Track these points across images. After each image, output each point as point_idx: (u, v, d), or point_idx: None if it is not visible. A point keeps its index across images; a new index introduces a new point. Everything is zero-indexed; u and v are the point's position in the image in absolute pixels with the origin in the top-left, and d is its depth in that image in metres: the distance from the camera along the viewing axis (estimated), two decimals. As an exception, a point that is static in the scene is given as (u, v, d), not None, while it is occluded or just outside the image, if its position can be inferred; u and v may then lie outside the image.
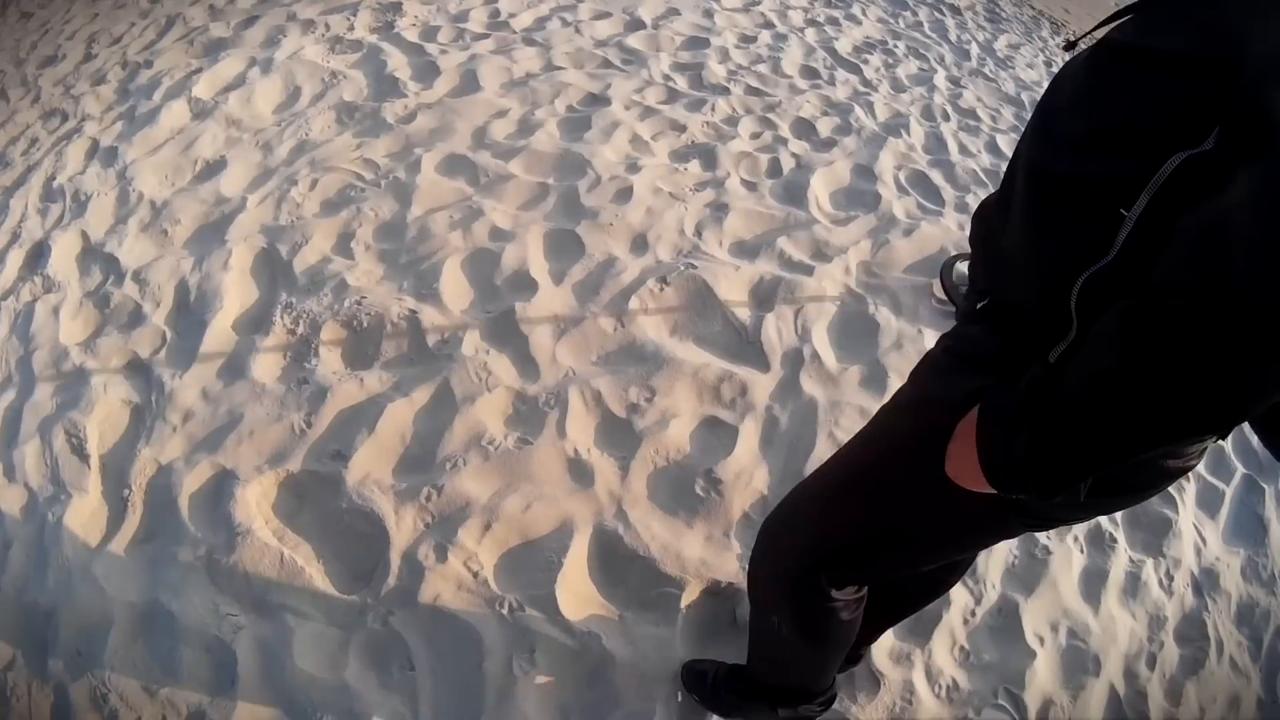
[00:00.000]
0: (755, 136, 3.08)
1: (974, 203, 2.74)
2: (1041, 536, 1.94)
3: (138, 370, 2.15)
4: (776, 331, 2.19)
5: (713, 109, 3.17)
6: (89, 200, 2.62)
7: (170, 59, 3.26)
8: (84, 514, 1.90)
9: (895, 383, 2.01)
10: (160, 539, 1.84)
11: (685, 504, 1.81)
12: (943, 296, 2.31)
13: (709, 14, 3.97)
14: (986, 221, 0.84)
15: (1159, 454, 0.73)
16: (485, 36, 3.35)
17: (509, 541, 1.75)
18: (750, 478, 1.85)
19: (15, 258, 2.52)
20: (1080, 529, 2.02)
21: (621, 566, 1.70)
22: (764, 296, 2.30)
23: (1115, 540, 2.03)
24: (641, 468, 1.86)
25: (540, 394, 2.03)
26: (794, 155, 2.97)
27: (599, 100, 3.12)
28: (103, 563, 1.81)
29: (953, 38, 4.75)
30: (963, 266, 2.23)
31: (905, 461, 0.88)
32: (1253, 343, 0.53)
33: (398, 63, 3.12)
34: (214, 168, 2.68)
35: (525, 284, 2.31)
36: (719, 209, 2.63)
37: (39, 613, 1.77)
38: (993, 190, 0.85)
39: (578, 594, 1.66)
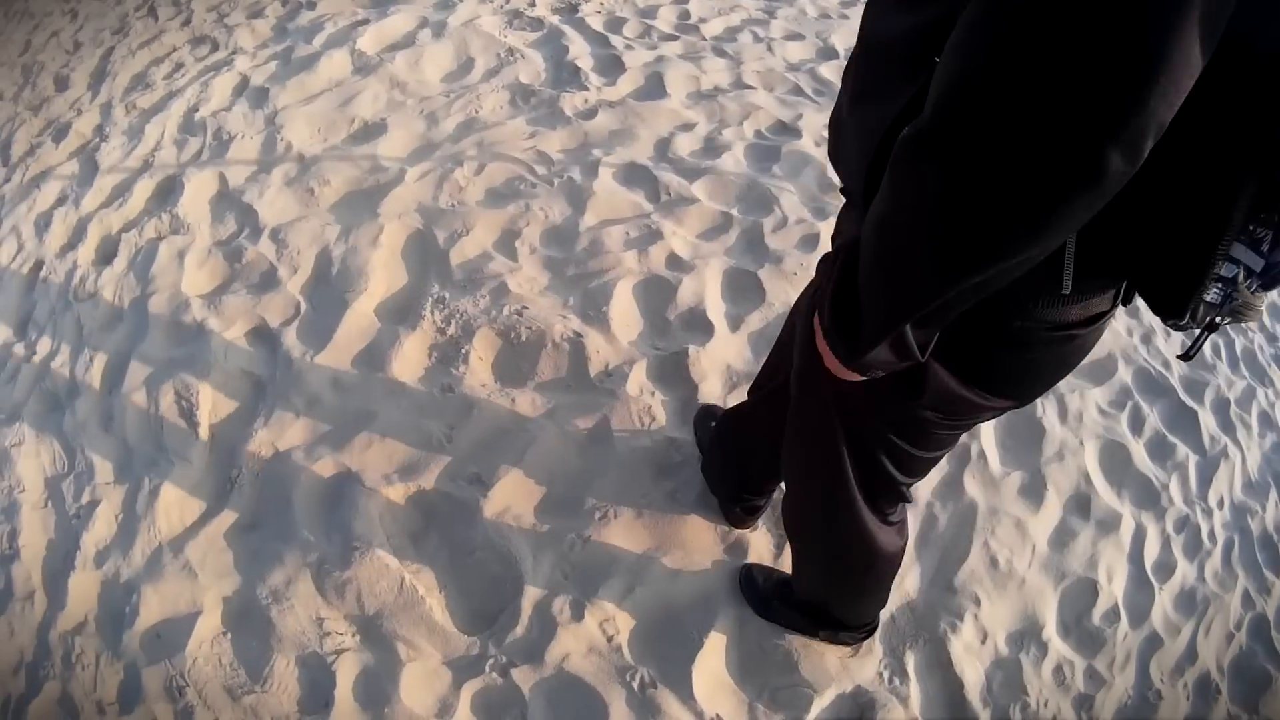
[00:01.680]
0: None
1: (1143, 305, 2.61)
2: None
3: (263, 339, 2.13)
4: None
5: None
6: (231, 141, 2.66)
7: (334, 3, 3.34)
8: (184, 486, 1.89)
9: (1053, 497, 2.03)
10: (265, 531, 1.81)
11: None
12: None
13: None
14: (836, 112, 0.88)
15: (1005, 310, 0.79)
16: (674, 38, 3.34)
17: (650, 609, 1.73)
18: (902, 578, 1.80)
19: (143, 188, 2.56)
20: None
21: (760, 655, 1.69)
22: None
23: None
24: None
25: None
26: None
27: (789, 130, 3.06)
28: (198, 545, 1.79)
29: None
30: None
31: (811, 371, 0.97)
32: (1012, 145, 0.55)
33: (579, 51, 3.12)
34: (372, 130, 2.69)
35: (700, 324, 2.25)
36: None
37: (119, 583, 1.76)
38: None
39: (713, 676, 1.66)
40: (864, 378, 0.83)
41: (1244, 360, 2.67)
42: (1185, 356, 0.85)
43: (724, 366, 2.18)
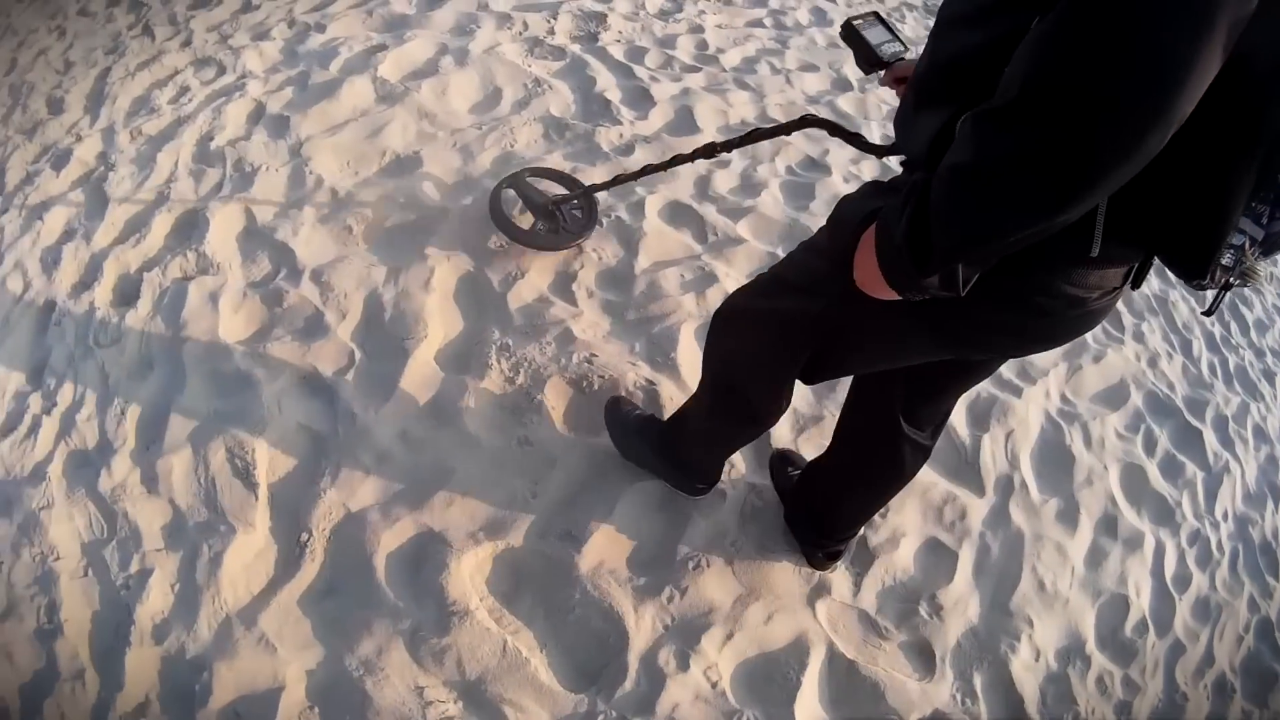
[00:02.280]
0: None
1: (1148, 331, 3.09)
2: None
3: (318, 390, 2.10)
4: (991, 455, 2.34)
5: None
6: (255, 173, 2.62)
7: (346, 26, 3.31)
8: (248, 552, 1.85)
9: (1085, 521, 2.29)
10: (344, 597, 1.79)
11: (909, 627, 1.96)
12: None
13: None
14: (901, 101, 1.13)
15: (1041, 269, 0.98)
16: (695, 70, 3.41)
17: (748, 653, 1.82)
18: (965, 605, 2.03)
19: (162, 222, 2.51)
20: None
21: (850, 689, 1.82)
22: (980, 415, 2.45)
23: None
24: (873, 584, 2.01)
25: (775, 498, 2.09)
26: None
27: (818, 166, 3.16)
28: (271, 615, 1.75)
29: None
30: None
31: (831, 275, 1.15)
32: (1072, 120, 0.74)
33: (606, 82, 3.17)
34: (405, 164, 2.68)
35: (763, 369, 2.28)
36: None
37: (184, 659, 1.71)
38: None
39: (811, 713, 1.76)
40: (900, 298, 0.99)
41: (1237, 377, 3.07)
42: (1208, 312, 1.09)
43: (792, 408, 2.23)
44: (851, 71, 3.88)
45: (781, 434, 2.21)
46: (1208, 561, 2.41)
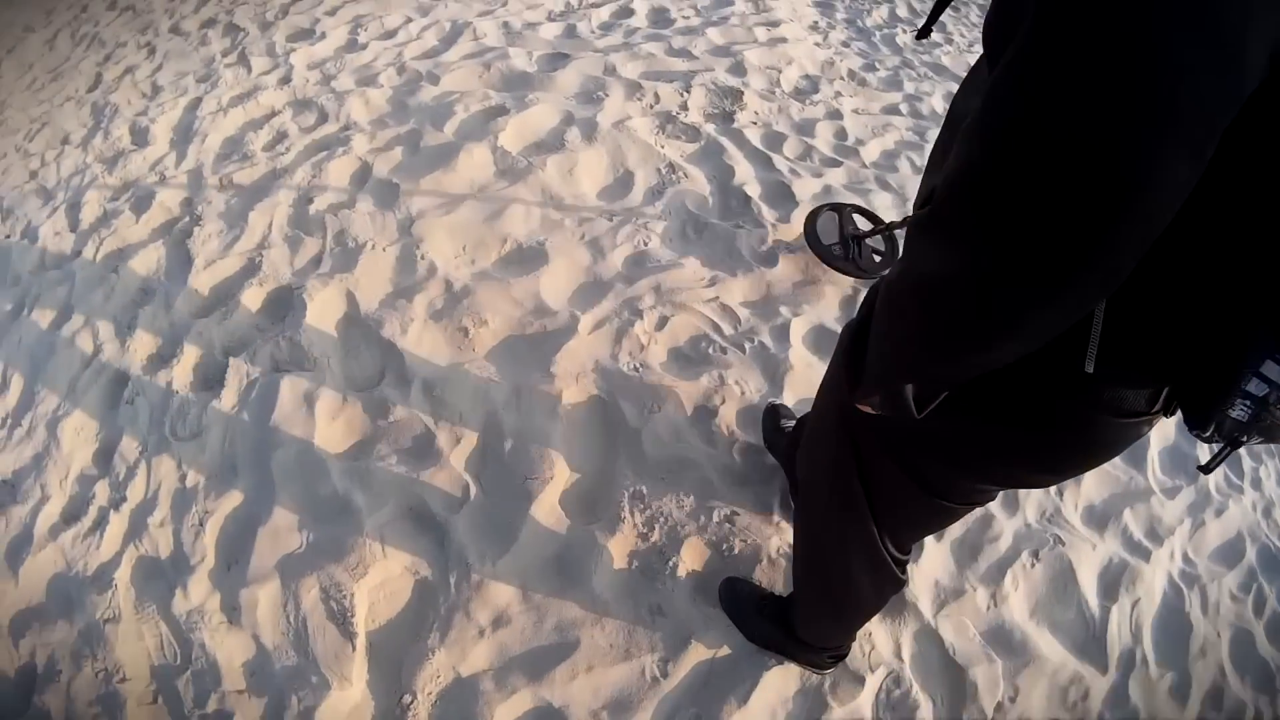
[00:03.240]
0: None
1: (1265, 476, 2.88)
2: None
3: (427, 527, 1.94)
4: (1117, 627, 2.21)
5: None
6: (360, 249, 2.49)
7: (461, 80, 3.21)
8: (342, 709, 1.72)
9: (1195, 695, 2.17)
10: None
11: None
12: None
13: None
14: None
15: (1028, 377, 0.83)
16: (836, 164, 3.28)
17: None
18: None
19: (252, 297, 2.37)
20: None
21: None
22: (1111, 584, 2.32)
23: None
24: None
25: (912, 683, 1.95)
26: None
27: None
28: None
29: None
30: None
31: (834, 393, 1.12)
32: (997, 237, 0.62)
33: (745, 174, 3.03)
34: (528, 255, 2.55)
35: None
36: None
37: None
38: None
39: None
40: (871, 411, 0.93)
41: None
42: (1205, 469, 0.89)
43: (933, 581, 2.09)
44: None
45: (924, 608, 2.05)
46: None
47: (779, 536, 2.05)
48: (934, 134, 3.73)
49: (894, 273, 0.78)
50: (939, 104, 4.08)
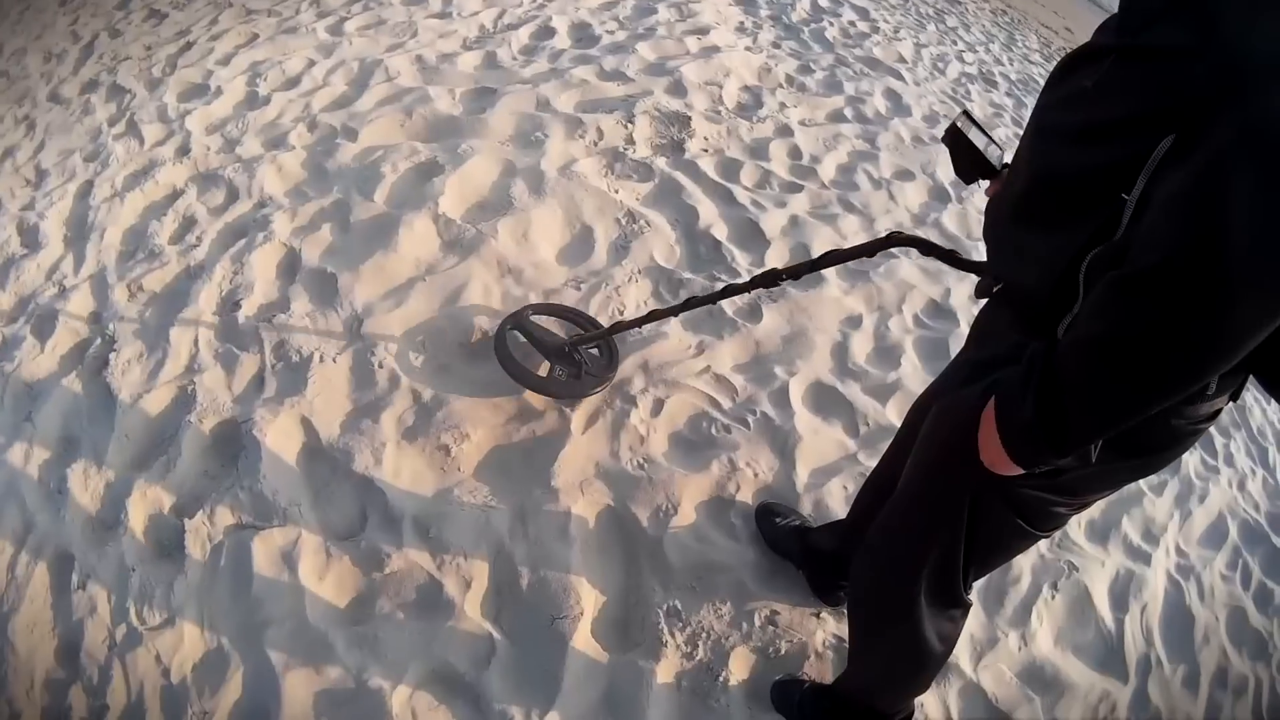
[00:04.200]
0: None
1: (1235, 450, 3.08)
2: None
3: (458, 690, 1.78)
4: (1131, 636, 2.27)
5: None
6: (306, 363, 2.24)
7: (382, 131, 2.94)
8: None
9: (1205, 682, 2.29)
10: None
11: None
12: None
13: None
14: (993, 213, 1.15)
15: (1163, 411, 0.91)
16: (797, 189, 3.16)
17: None
18: None
19: (193, 441, 2.10)
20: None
21: None
22: (1120, 595, 2.38)
23: None
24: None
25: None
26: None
27: (943, 313, 2.95)
28: None
29: None
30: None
31: (958, 461, 1.13)
32: (1222, 288, 0.76)
33: (709, 214, 2.88)
34: (485, 357, 2.33)
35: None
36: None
37: None
38: None
39: None
40: (1026, 471, 1.00)
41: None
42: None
43: (968, 637, 2.08)
44: (943, 173, 3.72)
45: (964, 665, 2.03)
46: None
47: (822, 629, 1.97)
48: (885, 139, 3.67)
49: (1099, 332, 0.86)
50: (880, 104, 4.02)
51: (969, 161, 1.34)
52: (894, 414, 2.50)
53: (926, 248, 1.44)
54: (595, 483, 2.10)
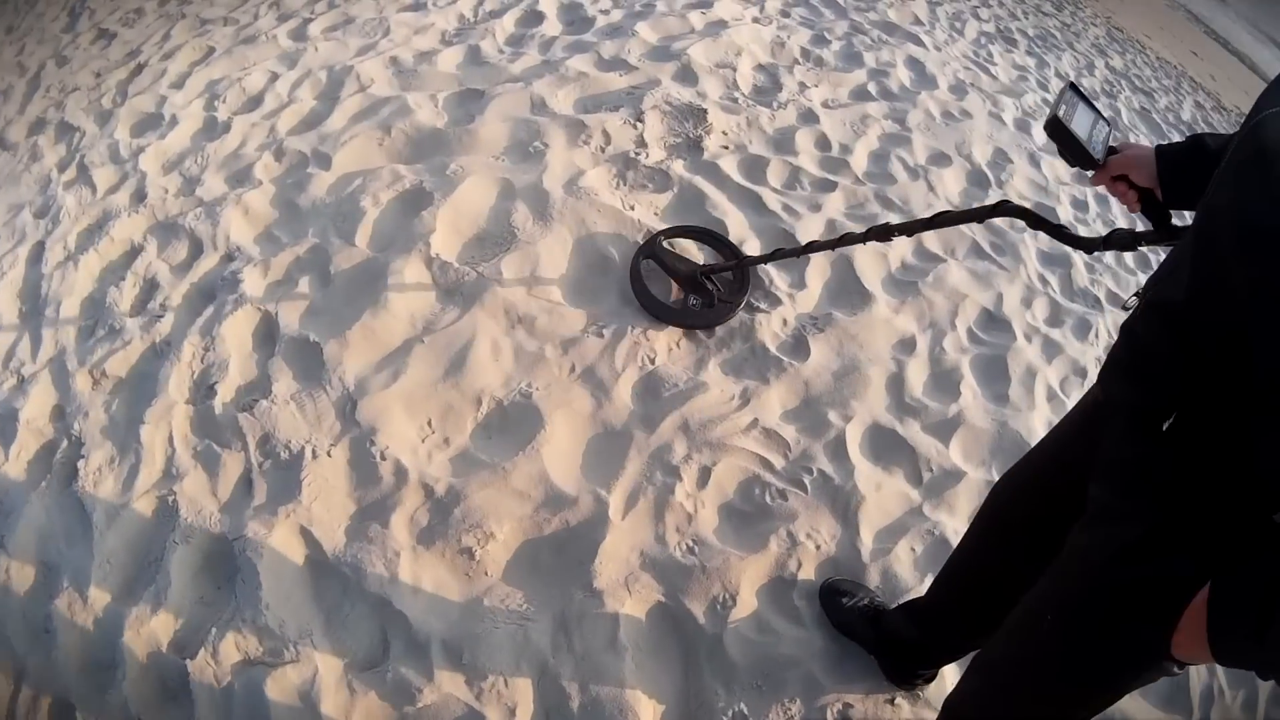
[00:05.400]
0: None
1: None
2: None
3: None
4: (1196, 670, 2.10)
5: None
6: (297, 459, 2.00)
7: (358, 153, 2.64)
8: None
9: (1263, 706, 2.13)
10: None
11: None
12: None
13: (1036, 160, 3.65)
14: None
15: None
16: (830, 187, 2.87)
17: None
18: None
19: (182, 563, 1.89)
20: None
21: None
22: None
23: None
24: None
25: None
26: None
27: (997, 323, 2.71)
28: None
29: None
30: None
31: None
32: None
33: (738, 226, 2.60)
34: (515, 417, 2.10)
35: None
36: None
37: None
38: None
39: None
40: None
41: None
42: None
43: None
44: (978, 153, 3.44)
45: None
46: None
47: (897, 717, 1.79)
48: (914, 118, 3.41)
49: None
50: (904, 75, 3.76)
51: (1073, 152, 1.25)
52: (957, 455, 2.29)
53: (1034, 220, 1.39)
54: (642, 576, 1.87)
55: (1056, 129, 1.24)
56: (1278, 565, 0.84)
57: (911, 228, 1.65)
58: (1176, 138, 5.22)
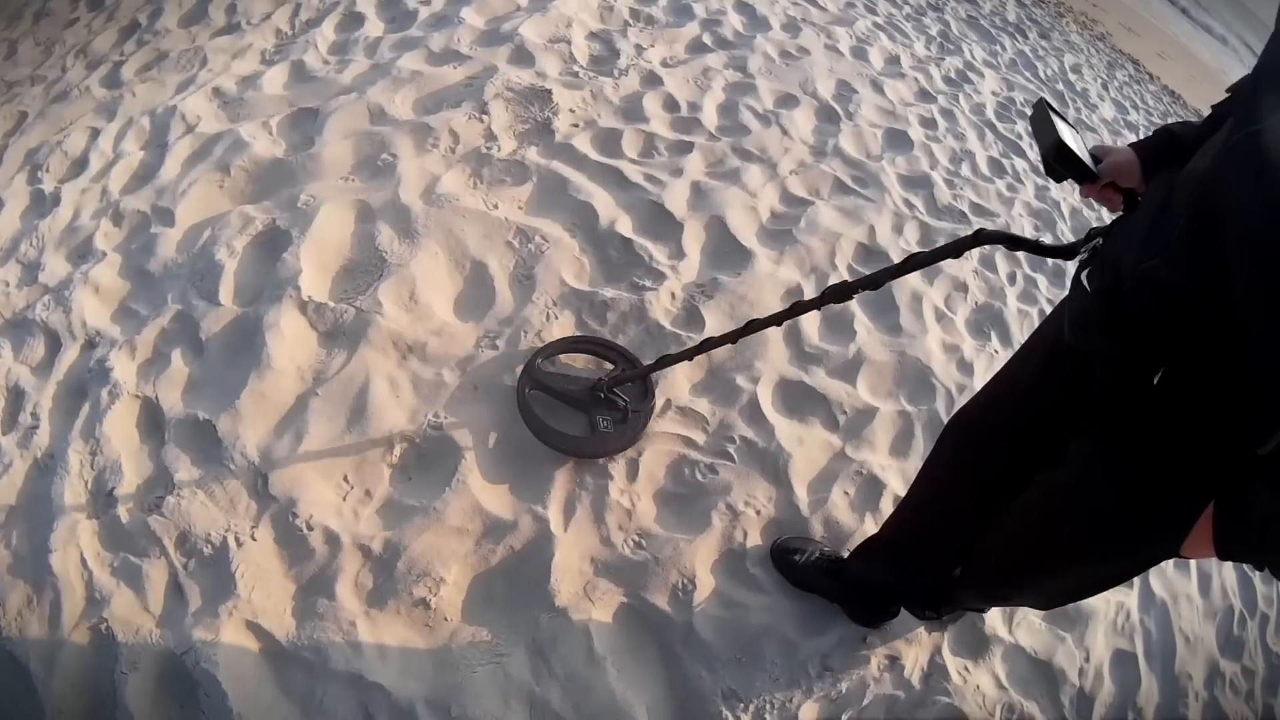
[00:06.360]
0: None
1: None
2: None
3: None
4: None
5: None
6: (223, 552, 1.91)
7: (201, 202, 2.50)
8: None
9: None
10: None
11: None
12: None
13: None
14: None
15: None
16: (687, 148, 2.88)
17: None
18: None
19: (138, 689, 1.78)
20: None
21: None
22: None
23: None
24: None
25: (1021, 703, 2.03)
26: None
27: (874, 254, 2.81)
28: None
29: None
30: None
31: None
32: None
33: (605, 205, 2.59)
34: (431, 453, 2.07)
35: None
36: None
37: None
38: None
39: None
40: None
41: None
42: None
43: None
44: (823, 88, 3.51)
45: (1001, 633, 2.09)
46: None
47: (874, 655, 1.95)
48: (754, 63, 3.49)
49: None
50: (736, 21, 3.83)
51: (1075, 172, 1.22)
52: (866, 392, 2.41)
53: (1013, 243, 1.30)
54: (600, 582, 1.91)
55: (1061, 155, 1.20)
56: (1266, 487, 0.93)
57: (879, 279, 1.47)
58: (1007, 41, 5.44)
